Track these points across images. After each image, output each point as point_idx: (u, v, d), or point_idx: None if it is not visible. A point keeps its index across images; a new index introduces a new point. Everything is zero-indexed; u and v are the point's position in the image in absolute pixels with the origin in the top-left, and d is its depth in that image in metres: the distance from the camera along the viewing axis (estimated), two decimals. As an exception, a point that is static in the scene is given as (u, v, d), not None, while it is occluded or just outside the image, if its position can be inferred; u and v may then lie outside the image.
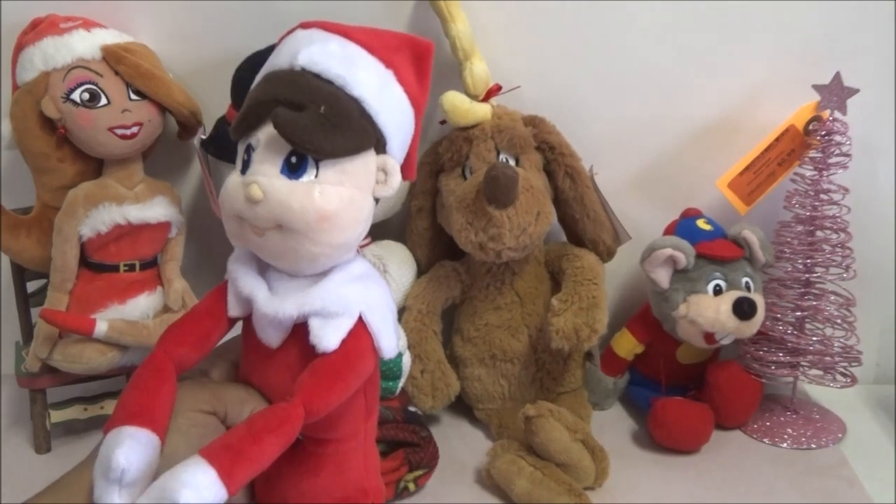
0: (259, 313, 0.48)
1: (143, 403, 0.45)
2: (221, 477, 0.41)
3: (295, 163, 0.45)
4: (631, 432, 0.86)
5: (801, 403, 0.88)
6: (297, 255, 0.46)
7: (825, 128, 0.82)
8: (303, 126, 0.44)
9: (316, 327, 0.46)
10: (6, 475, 0.79)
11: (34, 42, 0.77)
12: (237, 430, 0.44)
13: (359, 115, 0.46)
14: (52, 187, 0.80)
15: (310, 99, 0.45)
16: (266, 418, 0.44)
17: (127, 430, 0.44)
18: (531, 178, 0.79)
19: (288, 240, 0.45)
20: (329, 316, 0.46)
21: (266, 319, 0.48)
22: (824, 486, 0.76)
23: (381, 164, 0.48)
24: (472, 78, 0.81)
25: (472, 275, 0.86)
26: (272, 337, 0.49)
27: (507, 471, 0.73)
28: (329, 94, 0.46)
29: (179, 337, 0.49)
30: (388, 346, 0.49)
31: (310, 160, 0.45)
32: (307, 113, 0.45)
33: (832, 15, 0.85)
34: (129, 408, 0.45)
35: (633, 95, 0.89)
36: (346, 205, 0.46)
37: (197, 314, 0.50)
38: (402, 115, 0.50)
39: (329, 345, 0.46)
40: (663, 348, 0.87)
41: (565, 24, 0.86)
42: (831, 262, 0.82)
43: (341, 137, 0.45)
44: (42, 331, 0.79)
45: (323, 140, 0.45)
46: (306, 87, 0.46)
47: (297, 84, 0.46)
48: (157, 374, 0.47)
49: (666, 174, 0.92)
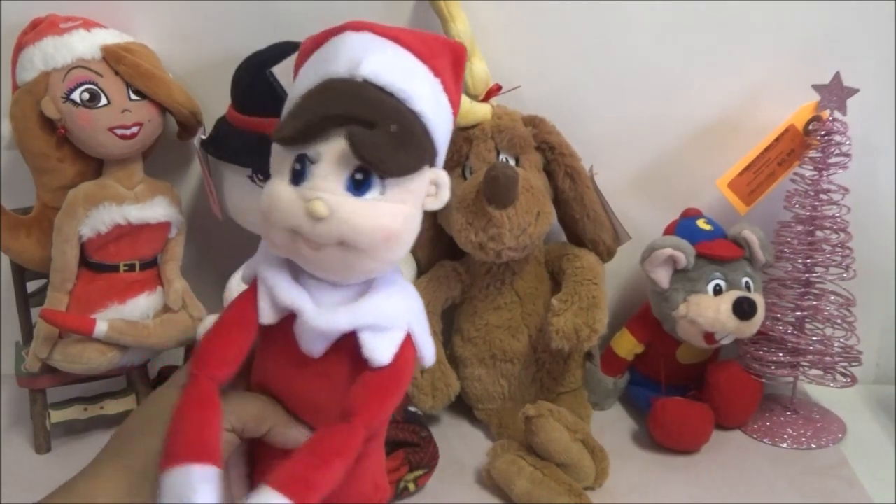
0: (306, 326, 0.46)
1: (203, 438, 0.44)
2: None
3: (360, 179, 0.44)
4: (631, 432, 0.86)
5: (801, 403, 0.88)
6: (353, 270, 0.46)
7: (825, 128, 0.82)
8: (378, 147, 0.43)
9: (368, 340, 0.45)
10: (6, 475, 0.79)
11: (34, 42, 0.77)
12: (303, 456, 0.43)
13: (421, 131, 0.46)
14: (52, 187, 0.80)
15: (381, 116, 0.44)
16: (331, 442, 0.43)
17: (195, 471, 0.42)
18: (531, 178, 0.79)
19: (348, 256, 0.44)
20: (382, 329, 0.46)
21: (315, 332, 0.46)
22: (824, 486, 0.76)
23: (434, 177, 0.47)
24: (472, 78, 0.81)
25: (472, 275, 0.86)
26: (315, 348, 0.47)
27: (507, 471, 0.73)
28: (396, 112, 0.45)
29: (221, 358, 0.47)
30: (429, 355, 0.48)
31: (375, 178, 0.44)
32: (379, 132, 0.43)
33: (832, 15, 0.85)
34: (190, 444, 0.43)
35: (633, 95, 0.89)
36: (407, 222, 0.45)
37: (228, 330, 0.48)
38: (449, 125, 0.49)
39: (383, 359, 0.45)
40: (663, 348, 0.87)
41: (565, 24, 0.86)
42: (831, 262, 0.82)
43: (408, 156, 0.45)
44: (42, 331, 0.79)
45: (395, 159, 0.44)
46: (377, 104, 0.44)
47: (365, 99, 0.44)
48: (207, 403, 0.45)
49: (666, 174, 0.92)
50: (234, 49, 0.81)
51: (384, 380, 0.46)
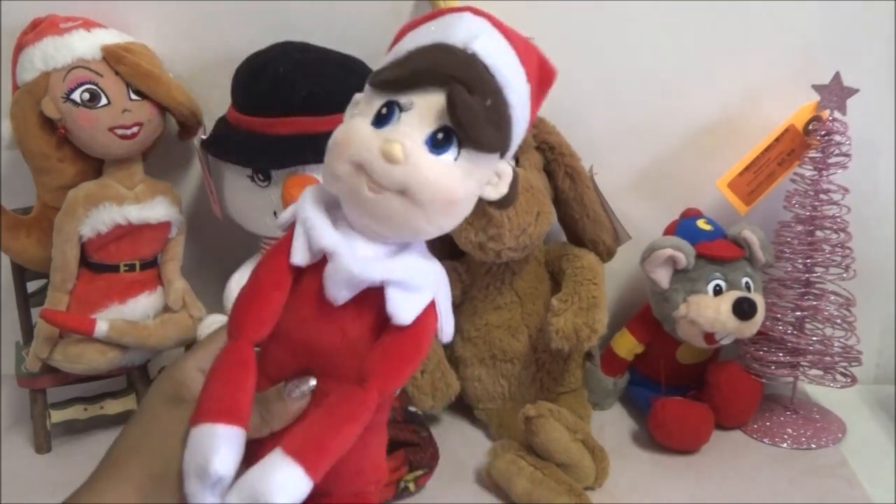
0: (340, 268, 0.46)
1: (232, 398, 0.45)
2: (309, 473, 0.42)
3: (441, 139, 0.45)
4: (631, 432, 0.86)
5: (801, 403, 0.88)
6: (405, 224, 0.45)
7: (825, 128, 0.82)
8: (476, 113, 0.44)
9: (394, 297, 0.45)
10: (6, 475, 0.79)
11: (34, 42, 0.77)
12: (317, 421, 0.44)
13: (508, 118, 0.46)
14: (53, 187, 0.80)
15: (481, 88, 0.44)
16: (345, 407, 0.44)
17: (219, 430, 0.44)
18: (531, 178, 0.79)
19: (405, 207, 0.44)
20: (410, 289, 0.46)
21: (345, 277, 0.46)
22: (824, 486, 0.76)
23: (499, 169, 0.48)
24: (473, 78, 0.81)
25: (472, 275, 0.86)
26: (341, 294, 0.46)
27: (507, 471, 0.73)
28: (496, 90, 0.45)
29: (257, 319, 0.47)
30: (448, 329, 0.48)
31: (454, 143, 0.45)
32: (476, 100, 0.44)
33: (832, 15, 0.85)
34: (219, 403, 0.45)
35: (633, 95, 0.89)
36: (468, 196, 0.46)
37: (263, 288, 0.48)
38: (523, 130, 0.49)
39: (407, 318, 0.45)
40: (663, 348, 0.87)
41: (565, 25, 0.86)
42: (831, 262, 0.82)
43: (494, 133, 0.45)
44: (42, 331, 0.79)
45: (483, 131, 0.44)
46: (482, 75, 0.45)
47: (473, 68, 0.45)
48: (243, 366, 0.46)
49: (666, 174, 0.92)
50: (234, 49, 0.81)
51: (403, 344, 0.46)
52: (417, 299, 0.46)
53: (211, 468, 0.43)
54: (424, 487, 0.76)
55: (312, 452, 0.42)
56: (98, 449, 0.48)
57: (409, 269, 0.46)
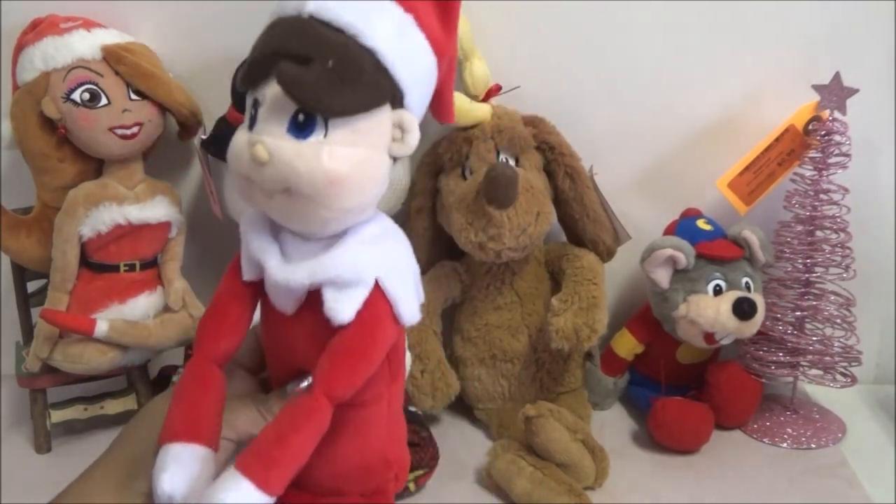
0: (270, 280, 0.45)
1: (186, 417, 0.45)
2: (259, 485, 0.41)
3: (303, 121, 0.42)
4: (631, 432, 0.86)
5: (801, 403, 0.88)
6: (308, 218, 0.44)
7: (825, 128, 0.82)
8: (309, 83, 0.41)
9: (330, 298, 0.43)
10: (6, 475, 0.79)
11: (34, 42, 0.77)
12: (265, 433, 0.43)
13: (372, 67, 0.42)
14: (53, 187, 0.80)
15: (317, 51, 0.41)
16: (291, 417, 0.43)
17: (172, 449, 0.44)
18: (531, 178, 0.79)
19: (297, 204, 0.42)
20: (343, 285, 0.44)
21: (278, 287, 0.45)
22: (824, 486, 0.76)
23: (398, 120, 0.44)
24: (472, 78, 0.81)
25: (472, 275, 0.86)
26: (286, 304, 0.46)
27: (507, 471, 0.73)
28: (338, 46, 0.41)
29: (213, 333, 0.47)
30: (408, 311, 0.46)
31: (318, 118, 0.42)
32: (314, 67, 0.41)
33: (832, 15, 0.85)
34: (173, 423, 0.45)
35: (633, 95, 0.89)
36: (358, 167, 0.43)
37: (221, 302, 0.48)
38: (423, 65, 0.45)
39: (344, 317, 0.43)
40: (663, 348, 0.87)
41: (565, 24, 0.86)
42: (831, 262, 0.82)
43: (352, 93, 0.42)
44: (42, 331, 0.79)
45: (331, 97, 0.41)
46: (314, 38, 0.41)
47: (303, 34, 0.42)
48: (198, 381, 0.46)
49: (666, 174, 0.92)
50: (234, 49, 0.80)
51: (347, 341, 0.44)
52: (353, 294, 0.44)
53: (158, 487, 0.43)
54: (424, 487, 0.76)
55: (261, 465, 0.42)
56: (98, 449, 0.48)
57: (339, 265, 0.44)
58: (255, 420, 0.48)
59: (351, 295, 0.44)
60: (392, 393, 0.50)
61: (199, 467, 0.44)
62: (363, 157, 0.43)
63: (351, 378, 0.44)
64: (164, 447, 0.44)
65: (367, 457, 0.50)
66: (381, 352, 0.45)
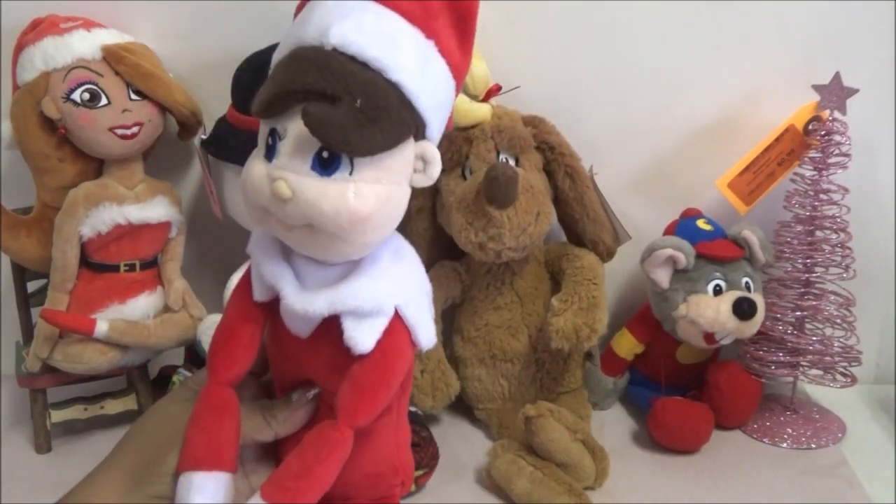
0: (287, 308, 0.45)
1: (206, 445, 0.45)
2: None
3: (327, 158, 0.41)
4: (631, 432, 0.86)
5: (801, 403, 0.88)
6: (328, 251, 0.43)
7: (825, 128, 0.82)
8: (338, 125, 0.39)
9: (350, 328, 0.43)
10: (6, 475, 0.79)
11: (34, 42, 0.77)
12: (290, 463, 0.44)
13: (398, 102, 0.42)
14: (53, 187, 0.80)
15: (345, 90, 0.40)
16: (316, 448, 0.44)
17: (195, 478, 0.44)
18: (531, 178, 0.79)
19: (319, 238, 0.42)
20: (363, 315, 0.43)
21: (294, 315, 0.45)
22: (824, 486, 0.76)
23: (420, 151, 0.44)
24: (472, 78, 0.81)
25: (472, 275, 0.86)
26: (301, 329, 0.46)
27: (507, 471, 0.73)
28: (366, 83, 0.40)
29: (228, 358, 0.47)
30: (426, 338, 0.46)
31: (343, 156, 0.41)
32: (342, 107, 0.40)
33: (832, 15, 0.85)
34: (194, 451, 0.45)
35: (633, 95, 0.89)
36: (382, 204, 0.42)
37: (232, 326, 0.48)
38: (444, 91, 0.45)
39: (365, 347, 0.43)
40: (663, 348, 0.87)
41: (565, 24, 0.86)
42: (831, 262, 0.82)
43: (379, 133, 0.41)
44: (42, 331, 0.79)
45: (360, 138, 0.40)
46: (340, 75, 0.40)
47: (329, 71, 0.40)
48: (216, 409, 0.46)
49: (666, 174, 0.92)
50: (234, 49, 0.81)
51: (370, 371, 0.44)
52: (373, 324, 0.44)
53: None
54: (424, 487, 0.76)
55: (287, 497, 0.43)
56: (98, 449, 0.48)
57: (359, 295, 0.43)
58: (259, 426, 0.48)
59: (371, 325, 0.44)
60: (400, 404, 0.51)
61: (222, 493, 0.45)
62: (388, 193, 0.43)
63: (373, 407, 0.45)
64: (186, 475, 0.45)
65: (377, 465, 0.50)
66: (400, 378, 0.46)
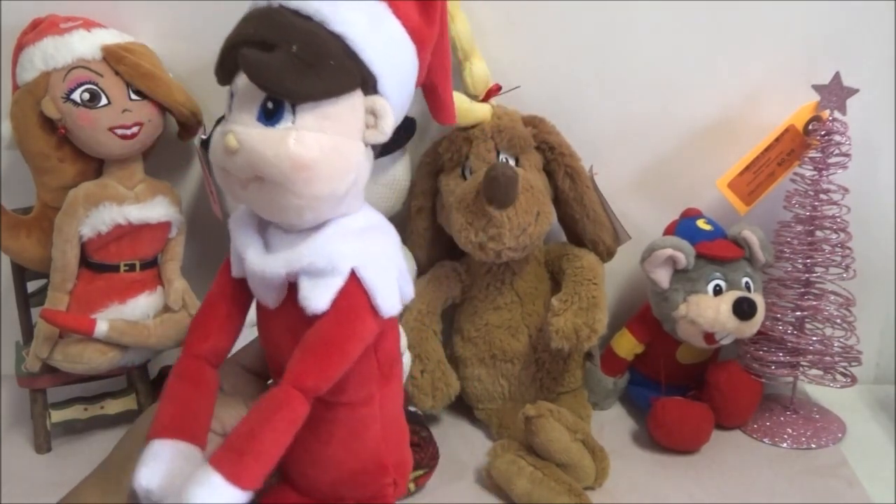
0: (249, 271, 0.46)
1: (169, 413, 0.46)
2: (229, 478, 0.41)
3: (271, 108, 0.42)
4: (631, 432, 0.86)
5: (801, 403, 0.88)
6: (281, 207, 0.43)
7: (825, 128, 0.82)
8: (272, 67, 0.41)
9: (305, 287, 0.43)
10: (6, 475, 0.79)
11: (34, 42, 0.77)
12: (237, 428, 0.43)
13: (340, 53, 0.43)
14: (53, 187, 0.80)
15: (282, 37, 0.42)
16: (261, 410, 0.43)
17: (153, 445, 0.45)
18: (531, 178, 0.79)
19: (268, 191, 0.43)
20: (317, 274, 0.43)
21: (257, 278, 0.46)
22: (824, 486, 0.76)
23: (370, 105, 0.44)
24: (472, 78, 0.81)
25: (472, 275, 0.86)
26: (268, 297, 0.46)
27: (507, 471, 0.73)
28: (305, 32, 0.42)
29: (202, 331, 0.48)
30: (386, 303, 0.45)
31: (286, 105, 0.42)
32: (278, 53, 0.41)
33: (832, 15, 0.85)
34: (158, 420, 0.45)
35: (632, 95, 0.89)
36: (327, 153, 0.43)
37: (210, 301, 0.49)
38: (398, 51, 0.45)
39: (318, 306, 0.43)
40: (663, 348, 0.87)
41: (565, 24, 0.86)
42: (831, 262, 0.82)
43: (317, 78, 0.42)
44: (42, 331, 0.79)
45: (295, 82, 0.41)
46: (279, 25, 0.42)
47: (269, 22, 0.43)
48: (182, 378, 0.47)
49: (666, 174, 0.92)
50: (235, 49, 0.81)
51: (322, 332, 0.44)
52: (328, 283, 0.44)
53: (136, 482, 0.43)
54: (424, 487, 0.76)
55: (231, 459, 0.42)
56: (98, 449, 0.48)
57: (313, 253, 0.44)
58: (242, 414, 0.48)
59: (325, 284, 0.44)
60: (385, 395, 0.50)
61: (181, 463, 0.44)
62: (333, 143, 0.43)
63: (323, 369, 0.44)
64: (148, 444, 0.45)
65: (361, 460, 0.50)
66: (357, 343, 0.45)
